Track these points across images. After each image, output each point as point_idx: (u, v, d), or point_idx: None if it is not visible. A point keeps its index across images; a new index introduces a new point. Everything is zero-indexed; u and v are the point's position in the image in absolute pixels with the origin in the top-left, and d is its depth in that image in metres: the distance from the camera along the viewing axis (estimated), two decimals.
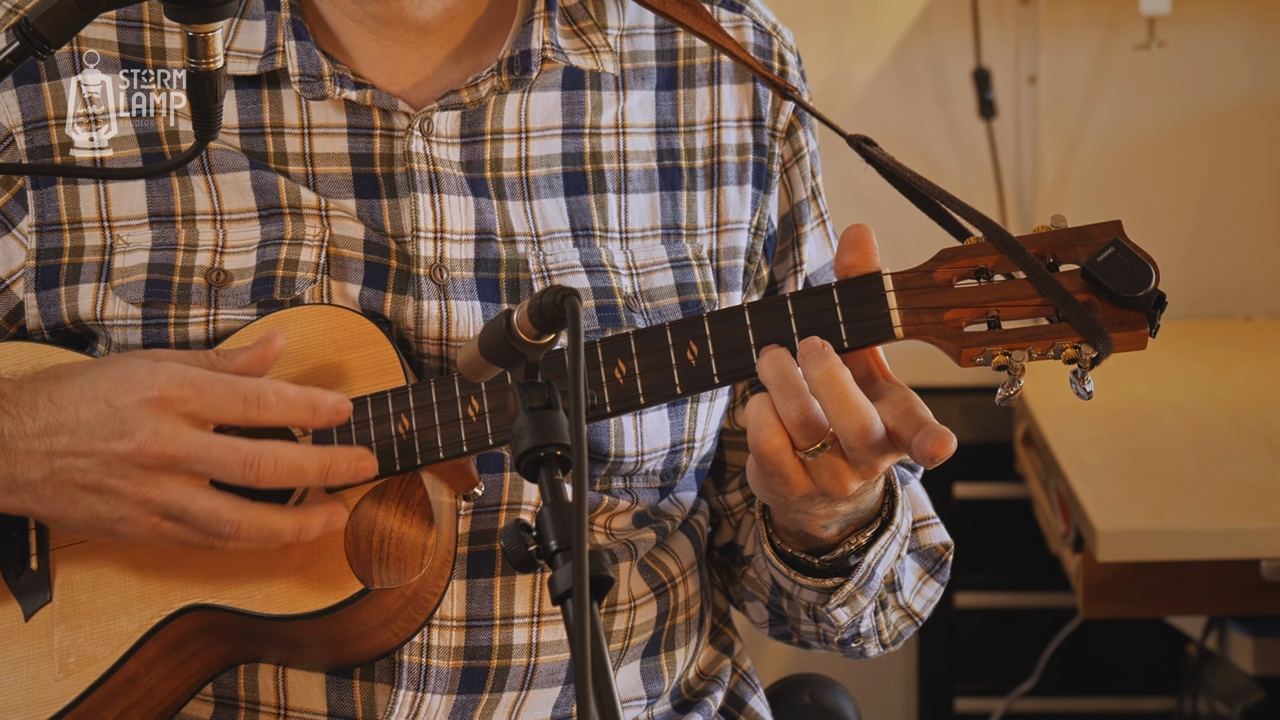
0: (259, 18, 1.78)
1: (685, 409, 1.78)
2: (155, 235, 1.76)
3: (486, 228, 1.76)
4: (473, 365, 1.45)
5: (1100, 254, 1.52)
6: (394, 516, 1.66)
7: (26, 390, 1.63)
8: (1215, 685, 3.29)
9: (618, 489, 1.78)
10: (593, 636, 1.22)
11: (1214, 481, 2.89)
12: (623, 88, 1.82)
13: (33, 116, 1.78)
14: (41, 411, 1.62)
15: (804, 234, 1.87)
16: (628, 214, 1.80)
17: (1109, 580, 2.86)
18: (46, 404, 1.62)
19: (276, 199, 1.76)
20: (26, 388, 1.64)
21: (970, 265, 1.56)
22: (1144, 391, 3.32)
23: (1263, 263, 3.89)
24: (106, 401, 1.60)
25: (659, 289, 1.78)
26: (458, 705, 1.73)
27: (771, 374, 1.55)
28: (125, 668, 1.65)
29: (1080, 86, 3.85)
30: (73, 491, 1.61)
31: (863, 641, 1.83)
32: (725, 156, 1.83)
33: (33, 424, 1.61)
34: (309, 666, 1.72)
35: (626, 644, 1.82)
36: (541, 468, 1.35)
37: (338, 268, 1.74)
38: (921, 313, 1.55)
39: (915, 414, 1.53)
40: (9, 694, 1.68)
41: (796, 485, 1.56)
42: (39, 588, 1.70)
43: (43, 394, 1.62)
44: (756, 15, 1.87)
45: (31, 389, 1.63)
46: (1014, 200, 3.87)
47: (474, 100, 1.77)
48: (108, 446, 1.59)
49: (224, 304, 1.73)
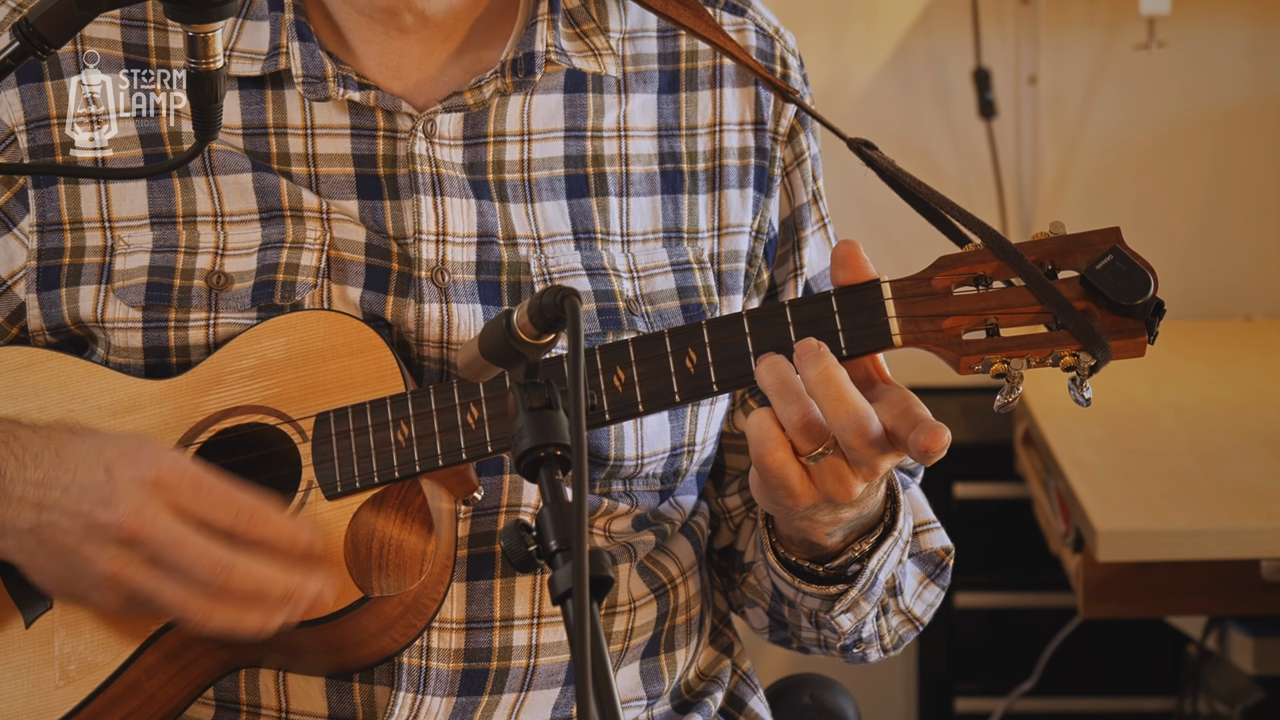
0: (263, 18, 1.78)
1: (686, 413, 1.78)
2: (156, 236, 1.76)
3: (488, 230, 1.76)
4: (473, 365, 1.45)
5: (1099, 261, 1.52)
6: (393, 524, 1.66)
7: (39, 437, 1.64)
8: (1215, 685, 3.29)
9: (617, 492, 1.78)
10: (593, 637, 1.22)
11: (1214, 481, 2.89)
12: (625, 91, 1.82)
13: (35, 115, 1.78)
14: (46, 462, 1.62)
15: (805, 238, 1.87)
16: (629, 217, 1.80)
17: (1109, 580, 2.86)
18: (53, 456, 1.62)
19: (278, 201, 1.76)
20: (40, 435, 1.64)
21: (969, 272, 1.56)
22: (1144, 391, 3.31)
23: (1263, 263, 3.89)
24: (106, 469, 1.60)
25: (660, 292, 1.78)
26: (457, 707, 1.73)
27: (770, 380, 1.55)
28: (126, 675, 1.65)
29: (1080, 86, 3.85)
30: (52, 549, 1.61)
31: (864, 647, 1.83)
32: (727, 160, 1.83)
33: (35, 473, 1.62)
34: (309, 672, 1.72)
35: (626, 645, 1.82)
36: (541, 468, 1.35)
37: (338, 271, 1.74)
38: (920, 321, 1.55)
39: (912, 412, 1.53)
40: (10, 701, 1.68)
41: (802, 497, 1.56)
42: (39, 595, 1.70)
43: (52, 445, 1.63)
44: (759, 19, 1.87)
45: (44, 437, 1.63)
46: (1014, 200, 3.86)
47: (477, 102, 1.77)
48: (91, 511, 1.59)
49: (224, 307, 1.73)
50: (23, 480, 1.61)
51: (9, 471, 1.62)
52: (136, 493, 1.58)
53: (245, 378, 1.70)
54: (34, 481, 1.61)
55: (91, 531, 1.59)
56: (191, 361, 1.73)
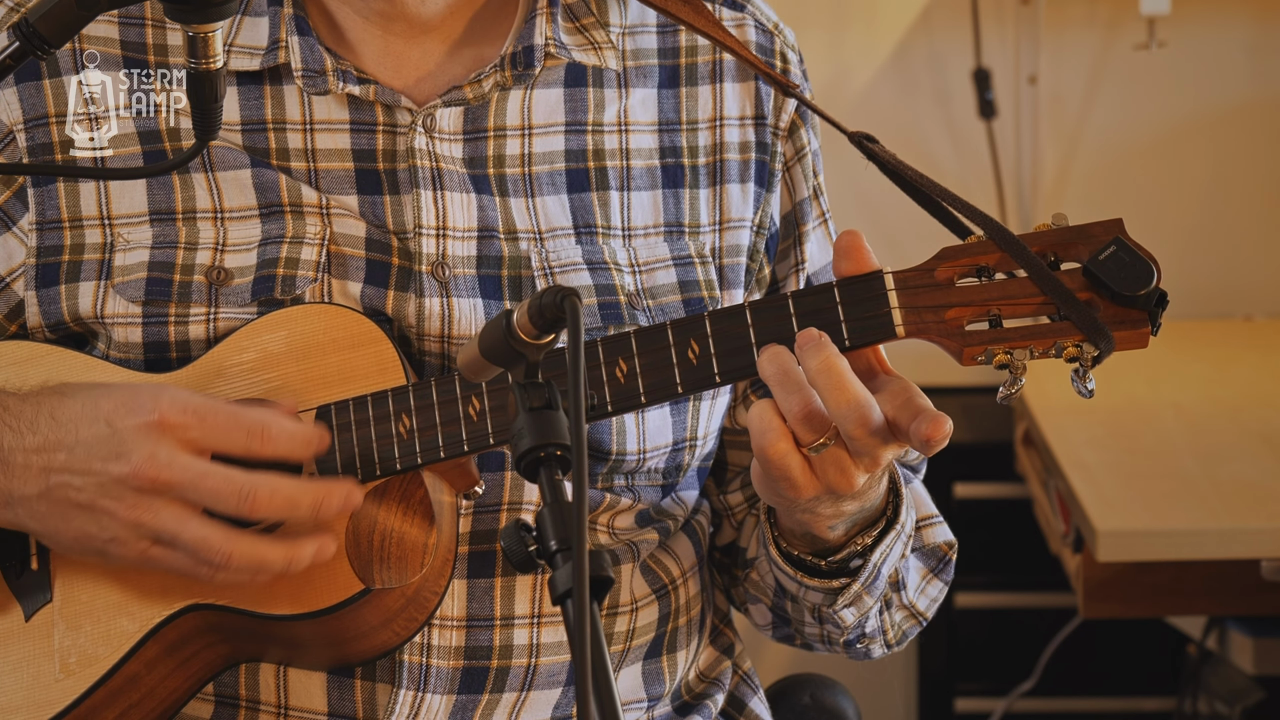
0: (262, 14, 1.78)
1: (687, 407, 1.78)
2: (156, 233, 1.75)
3: (489, 224, 1.76)
4: (473, 365, 1.45)
5: (1102, 252, 1.52)
6: (395, 516, 1.66)
7: (29, 404, 1.63)
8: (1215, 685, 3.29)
9: (620, 487, 1.77)
10: (593, 637, 1.22)
11: (1214, 481, 2.89)
12: (625, 85, 1.82)
13: (34, 114, 1.78)
14: (42, 427, 1.61)
15: (806, 232, 1.87)
16: (630, 211, 1.80)
17: (1109, 580, 2.86)
18: (48, 420, 1.62)
19: (278, 197, 1.75)
20: (30, 402, 1.63)
21: (971, 264, 1.56)
22: (1144, 391, 3.32)
23: (1263, 263, 3.89)
24: (107, 422, 1.60)
25: (661, 286, 1.78)
26: (458, 705, 1.73)
27: (772, 370, 1.54)
28: (126, 668, 1.65)
29: (1080, 86, 3.85)
30: (66, 509, 1.61)
31: (868, 642, 1.82)
32: (728, 154, 1.83)
33: (32, 439, 1.61)
34: (310, 666, 1.72)
35: (628, 646, 1.82)
36: (541, 468, 1.35)
37: (339, 266, 1.73)
38: (923, 311, 1.55)
39: (914, 402, 1.53)
40: (10, 694, 1.68)
41: (804, 489, 1.56)
42: (39, 588, 1.70)
43: (45, 410, 1.62)
44: (758, 14, 1.87)
45: (34, 404, 1.63)
46: (1014, 200, 3.87)
47: (477, 96, 1.77)
48: (104, 467, 1.59)
49: (224, 302, 1.73)
50: (22, 449, 1.61)
51: (6, 442, 1.61)
52: (145, 438, 1.58)
53: (246, 371, 1.70)
54: (34, 448, 1.61)
55: (107, 486, 1.59)
56: (192, 356, 1.73)
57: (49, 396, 1.64)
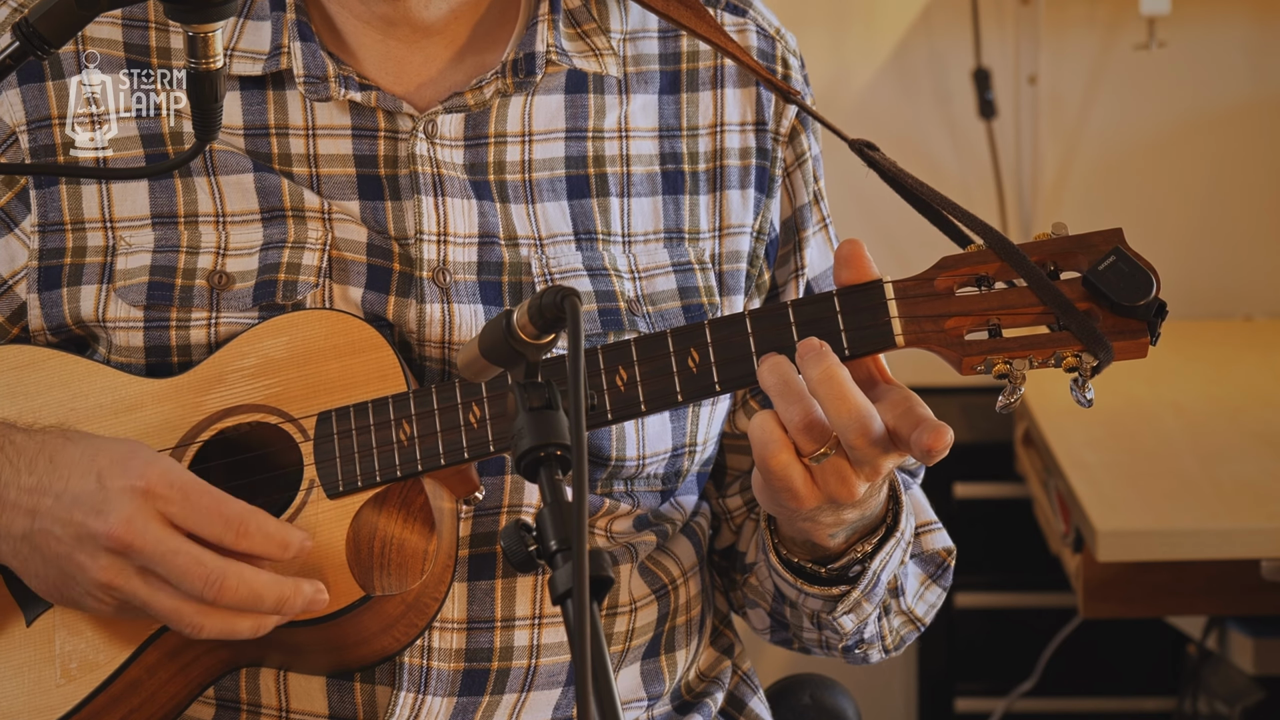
0: (264, 18, 1.78)
1: (687, 413, 1.78)
2: (158, 236, 1.76)
3: (489, 231, 1.76)
4: (473, 365, 1.45)
5: (1101, 262, 1.52)
6: (395, 523, 1.66)
7: (34, 443, 1.64)
8: (1215, 685, 3.29)
9: (619, 492, 1.78)
10: (593, 637, 1.22)
11: (1214, 481, 2.89)
12: (626, 91, 1.82)
13: (36, 115, 1.78)
14: (39, 469, 1.62)
15: (806, 238, 1.87)
16: (630, 218, 1.80)
17: (1109, 580, 2.86)
18: (46, 463, 1.62)
19: (279, 201, 1.76)
20: (35, 440, 1.64)
21: (971, 273, 1.56)
22: (1144, 391, 3.31)
23: (1263, 263, 3.89)
24: (98, 477, 1.60)
25: (661, 293, 1.78)
26: (458, 707, 1.73)
27: (772, 380, 1.55)
28: (127, 673, 1.65)
29: (1080, 86, 3.85)
30: (45, 555, 1.61)
31: (866, 648, 1.83)
32: (728, 160, 1.83)
33: (28, 479, 1.62)
34: (310, 671, 1.72)
35: (627, 646, 1.82)
36: (541, 468, 1.35)
37: (340, 271, 1.74)
38: (922, 321, 1.55)
39: (914, 412, 1.53)
40: (11, 700, 1.68)
41: (806, 499, 1.56)
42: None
43: (46, 452, 1.63)
44: (760, 19, 1.87)
45: (38, 443, 1.64)
46: (1014, 200, 3.86)
47: (478, 103, 1.77)
48: (84, 519, 1.59)
49: (226, 307, 1.73)
50: (17, 486, 1.62)
51: (4, 477, 1.62)
52: (127, 502, 1.58)
53: (247, 376, 1.70)
54: (28, 488, 1.61)
55: (83, 540, 1.59)
56: (193, 361, 1.73)
57: (53, 439, 1.64)
